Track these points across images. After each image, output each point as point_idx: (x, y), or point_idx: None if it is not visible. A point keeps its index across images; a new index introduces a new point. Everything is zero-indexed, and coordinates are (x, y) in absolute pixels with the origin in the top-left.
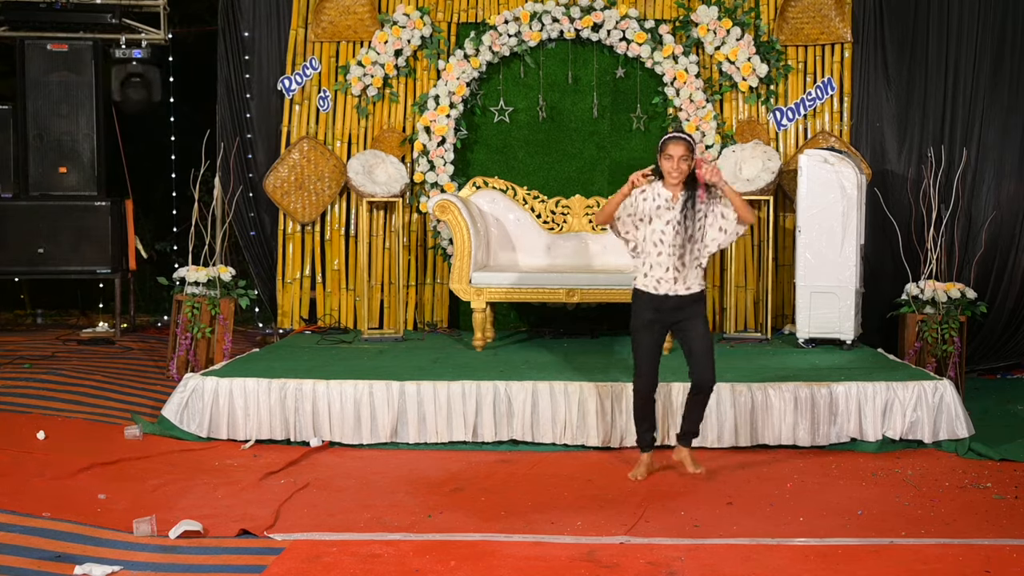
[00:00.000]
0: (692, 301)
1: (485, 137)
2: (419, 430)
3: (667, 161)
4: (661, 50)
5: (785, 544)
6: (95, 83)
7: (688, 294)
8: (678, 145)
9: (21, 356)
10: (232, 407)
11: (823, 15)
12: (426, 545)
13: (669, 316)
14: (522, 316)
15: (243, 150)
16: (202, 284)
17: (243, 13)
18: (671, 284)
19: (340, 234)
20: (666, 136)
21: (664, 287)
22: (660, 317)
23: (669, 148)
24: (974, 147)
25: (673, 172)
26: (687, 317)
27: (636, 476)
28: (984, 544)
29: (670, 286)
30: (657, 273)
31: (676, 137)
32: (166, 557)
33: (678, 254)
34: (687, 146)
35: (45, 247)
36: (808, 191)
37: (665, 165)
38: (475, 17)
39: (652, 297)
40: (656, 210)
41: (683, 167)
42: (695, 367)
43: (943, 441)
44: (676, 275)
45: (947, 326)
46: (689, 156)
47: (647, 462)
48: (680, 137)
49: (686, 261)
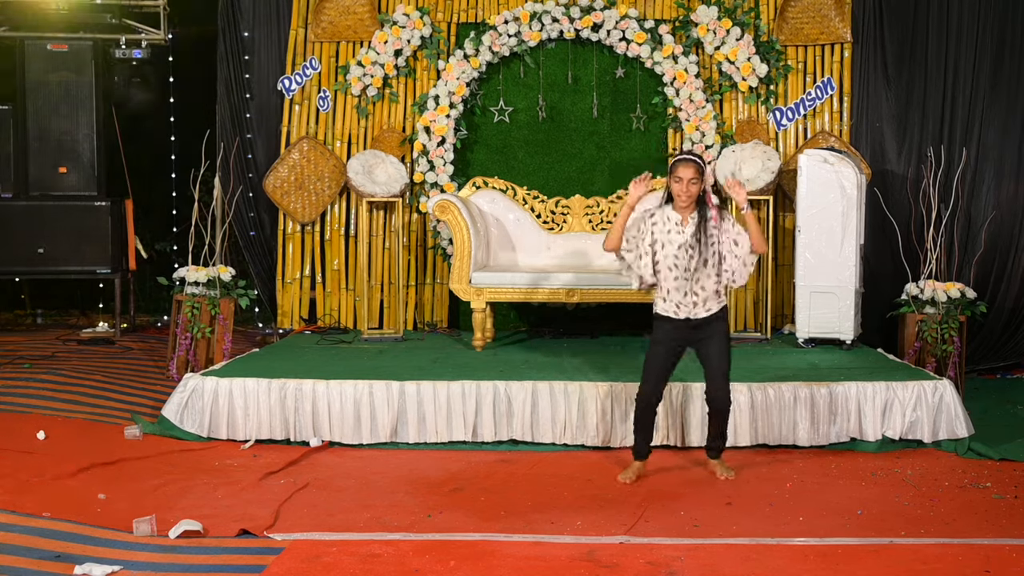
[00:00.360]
0: (713, 319)
1: (485, 137)
2: (419, 430)
3: (676, 184)
4: (661, 50)
5: (785, 544)
6: (95, 83)
7: (708, 316)
8: (688, 167)
9: (21, 356)
10: (232, 407)
11: (823, 15)
12: (426, 545)
13: (690, 335)
14: (522, 316)
15: (243, 150)
16: (202, 284)
17: (243, 13)
18: (690, 308)
19: (340, 234)
20: (676, 158)
21: (684, 311)
22: (680, 336)
23: (679, 171)
24: (974, 147)
25: (682, 195)
26: (707, 336)
27: (626, 480)
28: (984, 544)
29: (689, 310)
30: (676, 298)
31: (686, 159)
32: (166, 557)
33: (695, 278)
34: (697, 168)
35: (45, 247)
36: (808, 191)
37: (674, 188)
38: (475, 17)
39: (673, 323)
40: (667, 235)
41: (692, 190)
42: (711, 386)
43: (943, 441)
44: (695, 299)
45: (947, 326)
46: (699, 179)
47: (638, 468)
48: (690, 159)
49: (704, 285)
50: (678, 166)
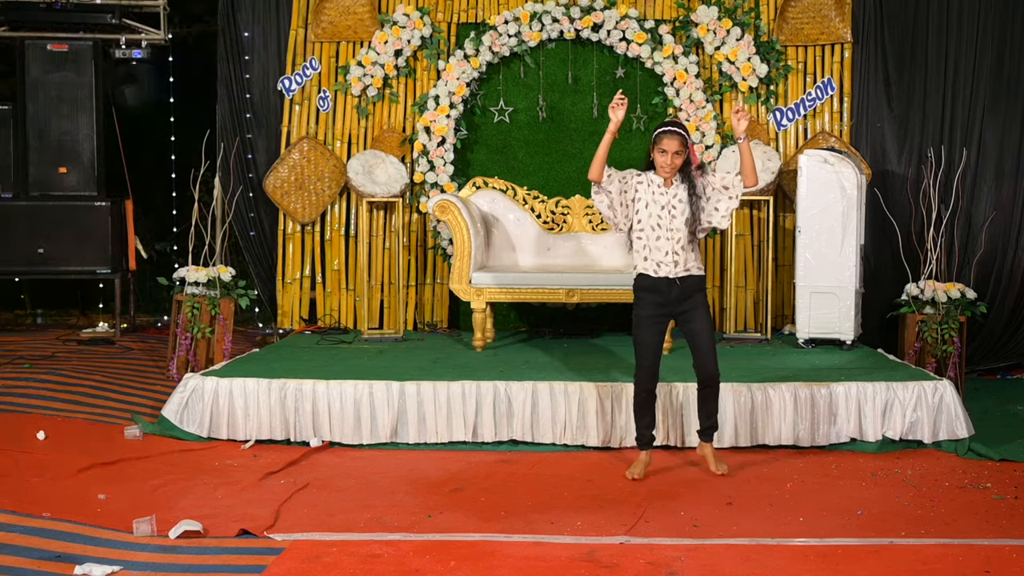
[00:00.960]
0: (694, 289)
1: (485, 137)
2: (419, 430)
3: (660, 155)
4: (661, 50)
5: (785, 544)
6: (95, 83)
7: (688, 276)
8: (672, 139)
9: (21, 356)
10: (232, 407)
11: (823, 15)
12: (426, 545)
13: (672, 307)
14: (522, 316)
15: (243, 150)
16: (202, 284)
17: (243, 13)
18: (671, 267)
19: (340, 234)
20: (660, 128)
21: (664, 270)
22: (663, 309)
23: (663, 142)
24: (974, 147)
25: (666, 167)
26: (690, 308)
27: (634, 475)
28: (984, 544)
29: (670, 269)
30: (656, 256)
31: (671, 131)
32: (166, 557)
33: (676, 238)
34: (681, 141)
35: (45, 247)
36: (808, 191)
37: (658, 159)
38: (475, 17)
39: (653, 281)
40: (651, 195)
41: (676, 162)
42: (699, 361)
43: (943, 441)
44: (676, 258)
45: (947, 326)
46: (683, 151)
47: (645, 460)
48: (675, 131)
49: (684, 244)
50: (662, 138)
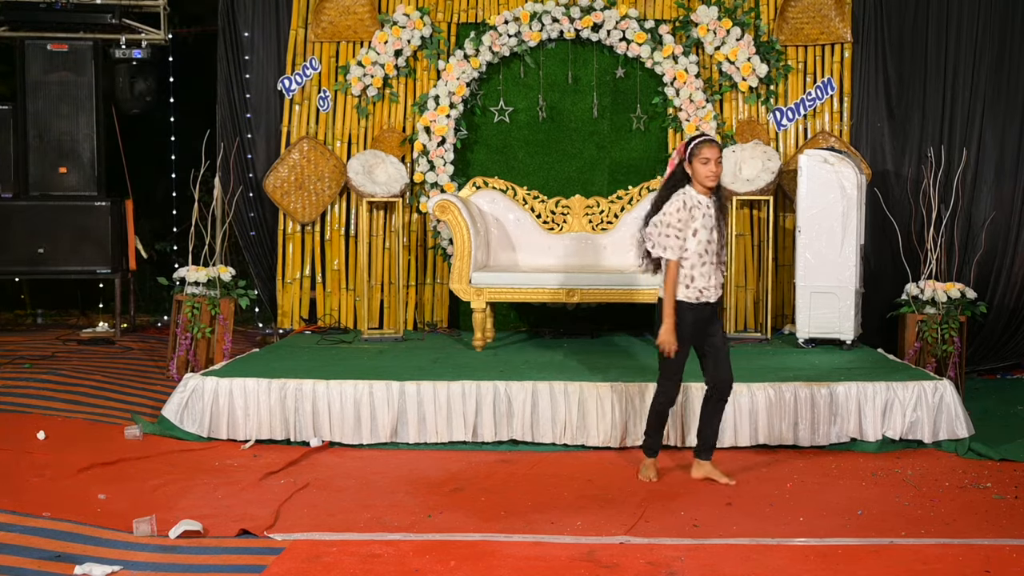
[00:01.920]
0: (718, 305)
1: (485, 137)
2: (419, 430)
3: (704, 165)
4: (661, 50)
5: (785, 544)
6: (95, 83)
7: (717, 300)
8: (713, 147)
9: (21, 356)
10: (232, 407)
11: (823, 15)
12: (426, 545)
13: (704, 328)
14: (522, 316)
15: (243, 150)
16: (202, 284)
17: (243, 13)
18: (712, 292)
19: (340, 234)
20: (696, 140)
21: (706, 296)
22: (697, 330)
23: (705, 151)
24: (974, 147)
25: (711, 176)
26: (714, 322)
27: (650, 478)
28: (984, 544)
29: (710, 294)
30: (700, 283)
31: (710, 140)
32: (166, 557)
33: (716, 262)
34: (719, 148)
35: (45, 247)
36: (808, 191)
37: (702, 170)
38: (475, 17)
39: (694, 308)
40: (703, 219)
41: (719, 170)
42: (719, 368)
43: (943, 441)
44: (717, 282)
45: (947, 326)
46: (722, 158)
47: (655, 464)
48: (713, 140)
49: (720, 268)
50: (703, 147)
